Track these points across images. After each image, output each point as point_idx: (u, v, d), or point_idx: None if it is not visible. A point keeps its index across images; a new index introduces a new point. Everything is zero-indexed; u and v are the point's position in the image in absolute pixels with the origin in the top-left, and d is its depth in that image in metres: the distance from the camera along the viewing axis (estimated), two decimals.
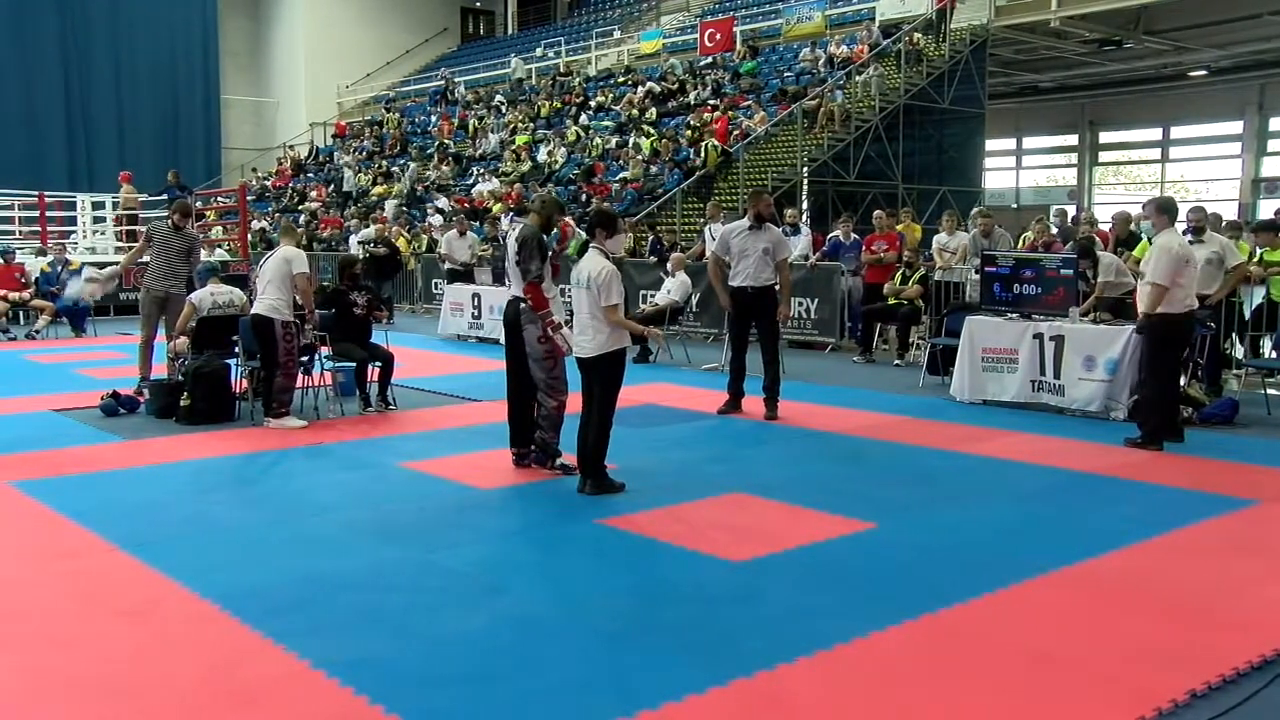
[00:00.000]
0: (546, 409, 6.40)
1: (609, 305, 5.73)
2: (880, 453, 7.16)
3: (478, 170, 24.53)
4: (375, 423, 8.22)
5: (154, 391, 8.41)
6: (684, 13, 30.72)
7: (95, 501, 5.80)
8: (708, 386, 9.54)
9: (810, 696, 3.40)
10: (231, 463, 6.94)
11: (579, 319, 5.89)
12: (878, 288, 11.86)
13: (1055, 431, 7.72)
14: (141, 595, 4.35)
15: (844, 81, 20.34)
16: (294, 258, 7.98)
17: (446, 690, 3.45)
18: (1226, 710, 3.31)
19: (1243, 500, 5.80)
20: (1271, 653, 3.70)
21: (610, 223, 6.06)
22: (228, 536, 5.19)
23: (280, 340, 7.81)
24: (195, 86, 34.69)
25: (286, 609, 4.16)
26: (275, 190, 29.39)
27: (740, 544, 4.99)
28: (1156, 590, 4.38)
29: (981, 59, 21.81)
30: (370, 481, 6.34)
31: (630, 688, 3.44)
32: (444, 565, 4.75)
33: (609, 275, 5.77)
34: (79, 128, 32.29)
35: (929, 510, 5.66)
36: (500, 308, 13.14)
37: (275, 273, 7.87)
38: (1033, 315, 8.69)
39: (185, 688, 3.47)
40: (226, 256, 18.04)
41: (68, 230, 19.92)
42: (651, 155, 20.58)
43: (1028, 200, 31.79)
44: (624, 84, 25.86)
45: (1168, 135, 30.38)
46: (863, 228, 14.23)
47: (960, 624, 4.01)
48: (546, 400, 6.38)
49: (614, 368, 5.87)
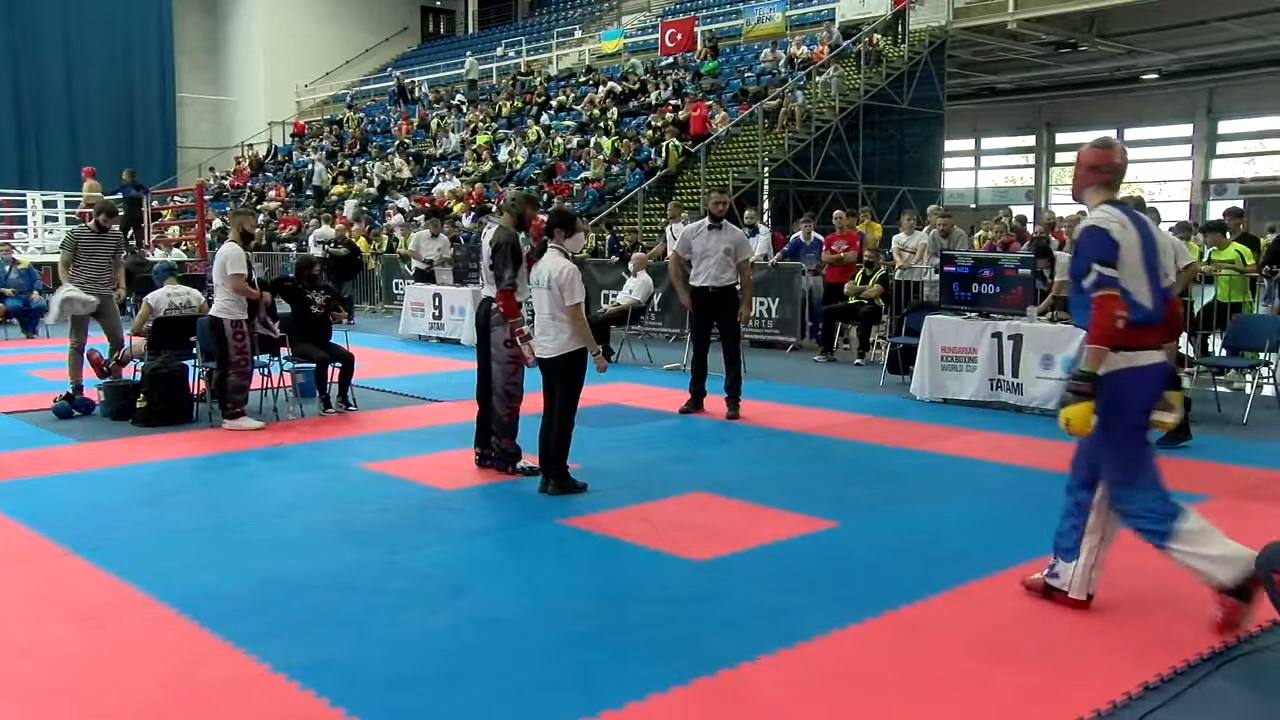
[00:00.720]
0: (498, 415, 6.37)
1: (572, 305, 5.72)
2: (842, 451, 7.21)
3: (439, 170, 24.40)
4: (336, 424, 8.15)
5: (110, 393, 8.28)
6: (645, 13, 30.76)
7: (48, 505, 5.69)
8: (669, 386, 9.56)
9: (773, 695, 3.42)
10: (189, 465, 6.85)
11: (540, 319, 5.86)
12: (838, 287, 11.94)
13: (1014, 429, 7.82)
14: (97, 600, 4.28)
15: (804, 82, 20.47)
16: (229, 257, 7.71)
17: (409, 692, 3.44)
18: (1173, 697, 3.38)
19: (1196, 495, 5.90)
20: (1220, 644, 3.77)
21: (569, 222, 6.04)
22: (185, 539, 5.12)
23: (231, 340, 7.69)
24: (150, 84, 34.18)
25: (246, 612, 4.11)
26: (233, 189, 29.06)
27: (703, 543, 5.00)
28: (1112, 585, 4.44)
29: (940, 60, 22.04)
30: (331, 483, 6.28)
31: (594, 687, 3.44)
32: (406, 566, 4.73)
33: (570, 274, 5.75)
34: (29, 125, 31.71)
35: (890, 508, 5.71)
36: (461, 309, 13.19)
37: (219, 274, 7.77)
38: (991, 314, 8.79)
39: (144, 693, 3.42)
40: (184, 257, 17.84)
41: (18, 229, 19.58)
42: (613, 155, 20.58)
43: (986, 200, 32.17)
44: (585, 84, 25.84)
45: (1122, 137, 30.77)
46: (823, 227, 14.32)
47: (922, 621, 4.05)
48: (499, 406, 6.35)
49: (575, 367, 5.86)
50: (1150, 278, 3.92)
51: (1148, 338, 3.92)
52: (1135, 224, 3.95)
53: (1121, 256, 3.85)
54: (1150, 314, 3.91)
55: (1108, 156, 4.10)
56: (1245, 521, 5.35)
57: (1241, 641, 3.81)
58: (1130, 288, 3.86)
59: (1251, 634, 3.86)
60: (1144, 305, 3.89)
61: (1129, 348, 3.88)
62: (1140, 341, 3.90)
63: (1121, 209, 4.01)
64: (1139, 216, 4.02)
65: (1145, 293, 3.90)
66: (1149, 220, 4.09)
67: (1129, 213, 4.01)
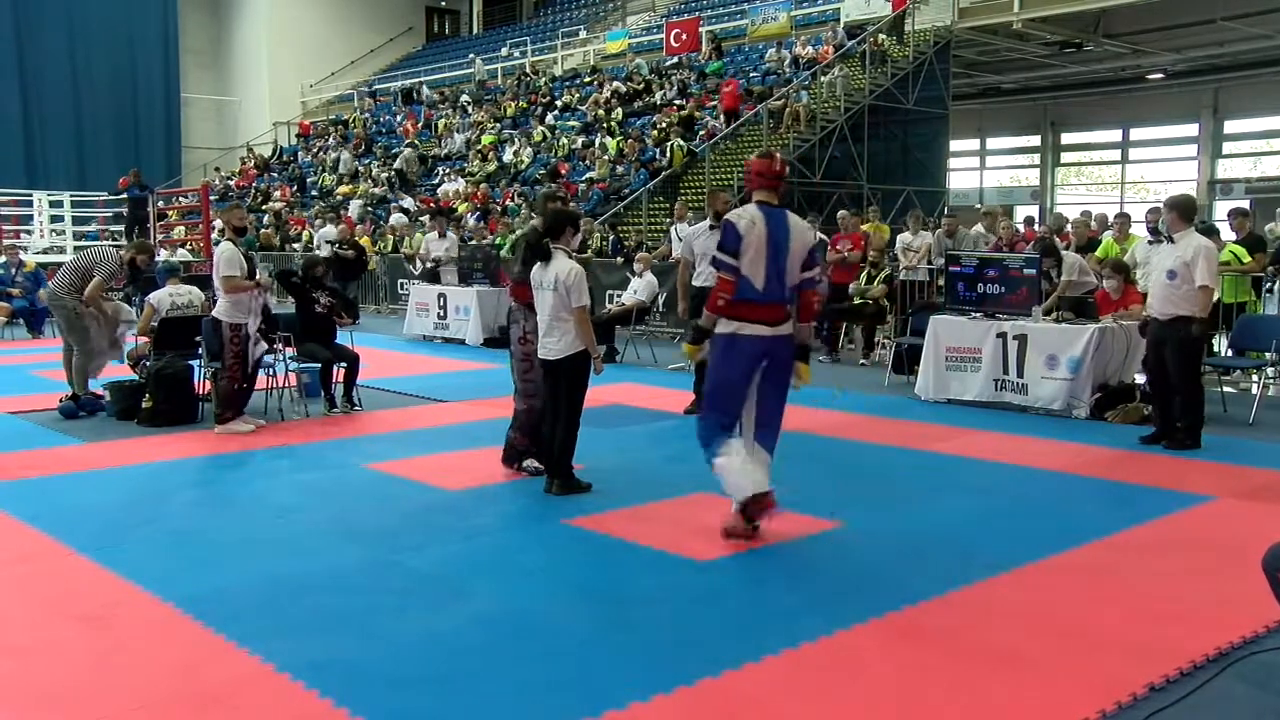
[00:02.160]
0: (517, 409, 6.39)
1: (580, 306, 5.70)
2: (844, 451, 7.20)
3: (443, 170, 24.41)
4: (340, 424, 8.15)
5: (115, 393, 8.28)
6: (650, 13, 30.74)
7: (52, 505, 5.70)
8: (673, 386, 9.55)
9: (776, 695, 3.41)
10: (194, 465, 6.86)
11: (544, 320, 5.84)
12: (843, 287, 11.93)
13: (1019, 430, 7.81)
14: (101, 600, 4.29)
15: (809, 82, 20.44)
16: (222, 259, 7.61)
17: (412, 691, 3.43)
18: (1179, 699, 3.36)
19: (1201, 496, 5.90)
20: (1226, 645, 3.76)
21: (574, 222, 6.02)
22: (189, 539, 5.12)
23: (227, 343, 7.62)
24: (155, 84, 34.20)
25: (250, 611, 4.11)
26: (239, 190, 29.10)
27: (707, 543, 4.99)
28: (1118, 586, 4.44)
29: (945, 60, 21.99)
30: (335, 483, 6.29)
31: (597, 688, 3.44)
32: (410, 566, 4.73)
33: (578, 276, 5.73)
34: (35, 125, 31.75)
35: (895, 508, 5.69)
36: (466, 308, 13.21)
37: (216, 276, 7.73)
38: (996, 314, 8.78)
39: (147, 692, 3.42)
40: (189, 257, 17.87)
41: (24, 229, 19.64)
42: (617, 155, 20.58)
43: (991, 200, 32.10)
44: (590, 84, 25.83)
45: (1127, 137, 30.81)
46: (828, 228, 14.30)
47: (926, 621, 4.04)
48: (518, 401, 6.38)
49: (580, 368, 5.85)
50: (770, 267, 4.76)
51: (754, 314, 4.80)
52: (768, 222, 4.78)
53: (743, 248, 4.73)
54: (759, 295, 4.77)
55: (771, 165, 5.04)
56: (1251, 522, 5.35)
57: (1248, 643, 3.79)
58: (748, 273, 4.74)
59: (1258, 635, 3.85)
60: (755, 288, 4.76)
61: (736, 319, 4.81)
62: (746, 315, 4.80)
63: (762, 209, 4.81)
64: (778, 216, 4.84)
65: (760, 278, 4.76)
66: (789, 221, 4.86)
67: (767, 212, 4.82)
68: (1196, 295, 6.93)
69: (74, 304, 8.32)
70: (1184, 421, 7.14)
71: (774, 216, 4.82)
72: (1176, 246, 7.00)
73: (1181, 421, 7.15)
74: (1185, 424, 7.14)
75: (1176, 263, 6.94)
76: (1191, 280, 6.89)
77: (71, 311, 8.36)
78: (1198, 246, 6.92)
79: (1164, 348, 7.12)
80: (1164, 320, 7.07)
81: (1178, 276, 6.94)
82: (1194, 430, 7.16)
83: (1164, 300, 7.06)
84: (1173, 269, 6.96)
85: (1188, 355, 7.09)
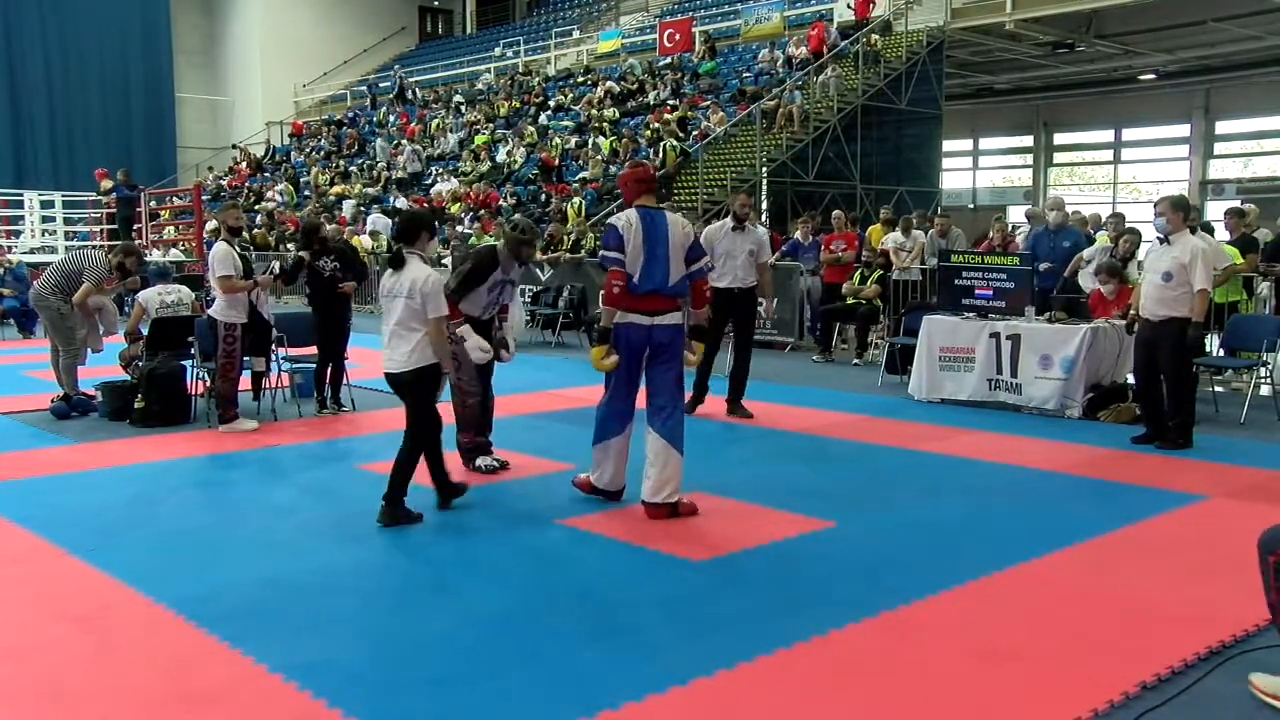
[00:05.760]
0: (456, 413, 6.40)
1: (437, 317, 5.31)
2: (839, 451, 7.21)
3: (436, 170, 24.38)
4: (334, 425, 8.14)
5: (108, 394, 8.26)
6: (643, 13, 30.73)
7: (44, 506, 5.68)
8: None
9: (771, 695, 3.41)
10: (186, 465, 6.84)
11: (388, 330, 5.40)
12: (837, 287, 11.95)
13: (1012, 429, 7.82)
14: (93, 601, 4.28)
15: (802, 82, 20.45)
16: (217, 259, 7.57)
17: (406, 693, 3.43)
18: (1171, 697, 3.37)
19: (1192, 496, 5.91)
20: (1217, 643, 3.77)
21: (429, 226, 5.65)
22: (182, 540, 5.11)
23: (221, 343, 7.61)
24: (148, 84, 34.09)
25: (243, 612, 4.10)
26: (231, 189, 29.03)
27: (700, 544, 5.00)
28: (1110, 585, 4.45)
29: (938, 61, 22.03)
30: (328, 483, 6.28)
31: (591, 688, 3.44)
32: (403, 567, 4.72)
33: (436, 284, 5.30)
34: (26, 125, 31.64)
35: (888, 508, 5.70)
36: None
37: (211, 276, 7.72)
38: (989, 315, 8.79)
39: (140, 694, 3.41)
40: (181, 257, 17.82)
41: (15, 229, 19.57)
42: (611, 155, 20.58)
43: (984, 200, 32.16)
44: (583, 84, 25.82)
45: (1119, 137, 30.86)
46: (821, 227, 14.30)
47: (919, 621, 4.04)
48: (456, 405, 6.38)
49: (430, 382, 5.49)
50: (648, 263, 5.32)
51: (640, 305, 5.35)
52: (645, 224, 5.34)
53: (627, 245, 5.29)
54: (637, 287, 5.32)
55: (646, 171, 5.79)
56: (1243, 522, 5.35)
57: (1239, 641, 3.80)
58: (630, 269, 5.30)
59: (1249, 633, 3.86)
60: (634, 281, 5.31)
61: (625, 309, 5.36)
62: (633, 306, 5.35)
63: (640, 211, 5.39)
64: (658, 216, 5.41)
65: (639, 273, 5.31)
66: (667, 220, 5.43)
67: (645, 213, 5.39)
68: (1194, 299, 6.93)
69: (59, 305, 8.30)
70: (1175, 420, 7.17)
71: (653, 217, 5.40)
72: (1173, 248, 7.00)
73: (1173, 420, 7.17)
74: (1177, 423, 7.17)
75: (1173, 264, 6.95)
76: (1187, 283, 6.90)
77: (56, 312, 8.34)
78: (1195, 249, 6.93)
79: (1154, 348, 7.13)
80: (1155, 321, 7.09)
81: (1174, 279, 6.95)
82: (1186, 430, 7.18)
83: (1156, 301, 7.07)
84: (1169, 270, 6.96)
85: (1181, 355, 7.10)
